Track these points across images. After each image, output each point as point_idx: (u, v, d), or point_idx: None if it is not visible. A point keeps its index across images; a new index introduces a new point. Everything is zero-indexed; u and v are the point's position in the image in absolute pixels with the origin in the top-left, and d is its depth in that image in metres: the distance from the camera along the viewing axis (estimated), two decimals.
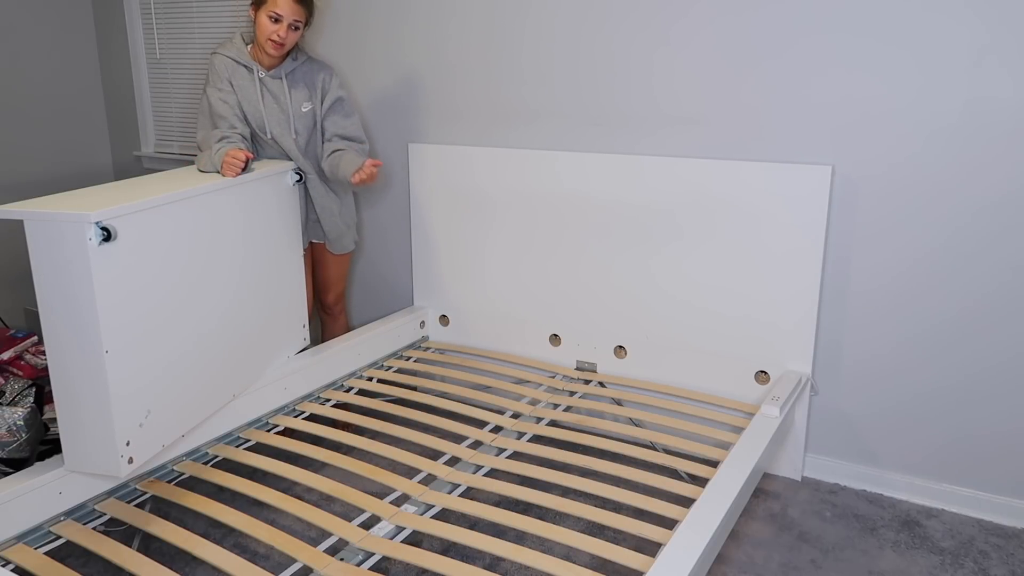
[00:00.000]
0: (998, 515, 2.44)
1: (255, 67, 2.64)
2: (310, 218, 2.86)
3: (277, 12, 2.51)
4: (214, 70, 2.62)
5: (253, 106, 2.65)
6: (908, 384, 2.50)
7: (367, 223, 3.41)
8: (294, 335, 2.78)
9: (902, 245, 2.43)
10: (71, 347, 1.91)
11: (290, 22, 2.54)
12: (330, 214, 2.85)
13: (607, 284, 2.87)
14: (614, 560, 1.81)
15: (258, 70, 2.65)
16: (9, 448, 2.33)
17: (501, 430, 2.53)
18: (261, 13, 2.53)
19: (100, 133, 4.18)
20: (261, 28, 2.55)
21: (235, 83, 2.63)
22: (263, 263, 2.55)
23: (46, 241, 1.87)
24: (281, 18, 2.52)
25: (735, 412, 2.66)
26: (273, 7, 2.51)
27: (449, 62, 3.07)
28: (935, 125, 2.32)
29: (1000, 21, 2.19)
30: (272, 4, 2.51)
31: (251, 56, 2.65)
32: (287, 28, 2.54)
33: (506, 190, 2.99)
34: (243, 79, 2.64)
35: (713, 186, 2.61)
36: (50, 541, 1.99)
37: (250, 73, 2.64)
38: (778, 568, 2.21)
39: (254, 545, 2.30)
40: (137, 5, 3.89)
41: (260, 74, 2.65)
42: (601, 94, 2.80)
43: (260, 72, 2.65)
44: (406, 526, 2.00)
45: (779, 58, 2.49)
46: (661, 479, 2.14)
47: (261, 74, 2.65)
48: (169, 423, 2.16)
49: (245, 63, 2.64)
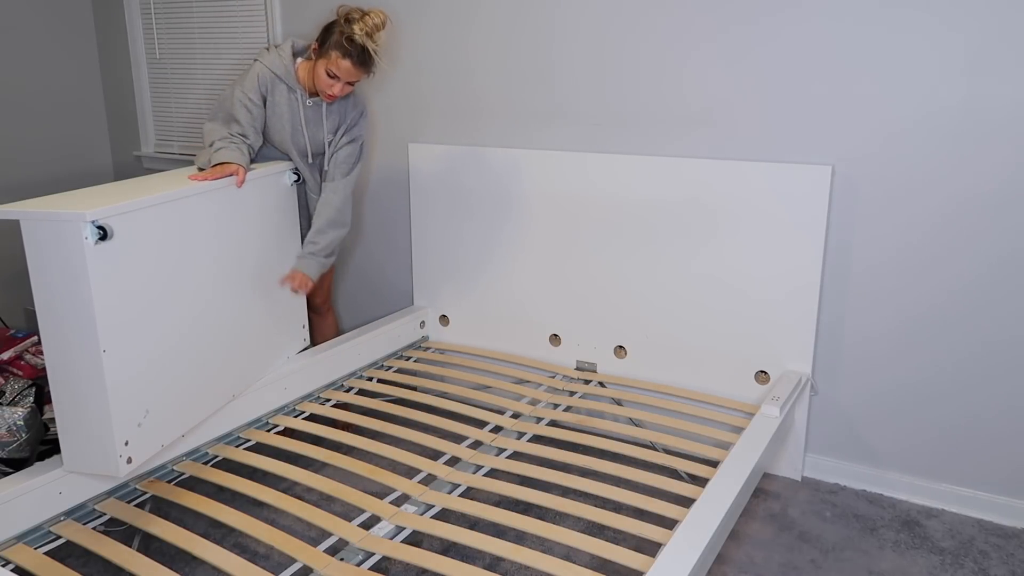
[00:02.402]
0: (998, 515, 2.44)
1: (299, 90, 2.57)
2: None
3: (337, 72, 2.44)
4: (251, 77, 2.52)
5: (280, 123, 2.58)
6: (908, 384, 2.50)
7: (367, 223, 3.41)
8: (294, 335, 2.78)
9: (902, 245, 2.43)
10: (69, 347, 1.91)
11: (348, 81, 2.48)
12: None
13: (607, 284, 2.87)
14: (614, 560, 1.81)
15: (301, 93, 2.57)
16: (9, 448, 2.32)
17: (501, 430, 2.53)
18: (321, 63, 2.45)
19: (100, 133, 4.18)
20: (319, 77, 2.47)
21: (271, 98, 2.55)
22: (262, 263, 2.55)
23: (42, 241, 1.86)
24: (339, 78, 2.46)
25: (735, 412, 2.66)
26: (334, 67, 2.43)
27: (449, 62, 3.07)
28: (935, 125, 2.32)
29: (999, 21, 2.19)
30: (333, 64, 2.42)
31: (296, 77, 2.56)
32: (343, 85, 2.48)
33: (506, 190, 2.99)
34: (281, 96, 2.56)
35: (713, 186, 2.61)
36: (50, 541, 1.99)
37: (290, 93, 2.56)
38: (778, 568, 2.21)
39: (254, 545, 2.30)
40: (137, 5, 3.89)
41: (304, 99, 2.57)
42: (601, 94, 2.80)
43: (304, 97, 2.57)
44: (406, 526, 2.00)
45: (779, 58, 2.49)
46: (661, 479, 2.14)
47: (306, 100, 2.58)
48: (168, 423, 2.16)
49: (288, 83, 2.55)
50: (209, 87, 3.77)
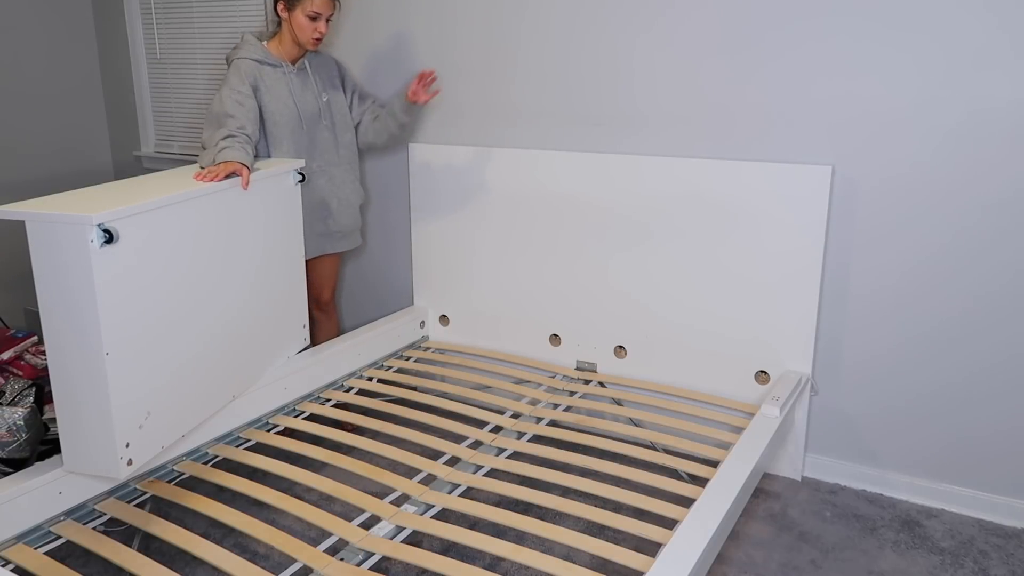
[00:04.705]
0: (998, 515, 2.44)
1: (283, 64, 2.69)
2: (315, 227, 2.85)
3: (316, 10, 2.59)
4: (237, 74, 2.61)
5: (284, 102, 2.68)
6: (908, 384, 2.50)
7: (367, 223, 3.41)
8: (294, 335, 2.78)
9: (902, 244, 2.43)
10: (72, 349, 1.91)
11: (327, 16, 2.63)
12: (348, 207, 2.89)
13: (607, 284, 2.87)
14: (614, 560, 1.81)
15: (286, 66, 2.69)
16: (9, 448, 2.32)
17: (501, 430, 2.53)
18: (297, 14, 2.60)
19: (100, 133, 4.18)
20: (301, 28, 2.62)
21: (263, 85, 2.64)
22: (264, 263, 2.55)
23: (48, 242, 1.86)
24: (319, 15, 2.60)
25: (735, 412, 2.66)
26: (311, 6, 2.58)
27: (449, 62, 3.06)
28: (935, 125, 2.32)
29: (1000, 22, 2.19)
30: (309, 3, 2.57)
31: (274, 53, 2.70)
32: (324, 23, 2.63)
33: (506, 190, 2.99)
34: (271, 78, 2.67)
35: (713, 186, 2.61)
36: (50, 541, 1.99)
37: (277, 70, 2.68)
38: (778, 568, 2.21)
39: (254, 545, 2.30)
40: (137, 5, 3.89)
41: (288, 70, 2.70)
42: (602, 94, 2.80)
43: (288, 68, 2.70)
44: (406, 526, 2.00)
45: (779, 58, 2.49)
46: (661, 479, 2.14)
47: (291, 70, 2.70)
48: (169, 425, 2.16)
49: (271, 62, 2.67)
50: (209, 87, 3.77)
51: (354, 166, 2.91)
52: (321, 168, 2.80)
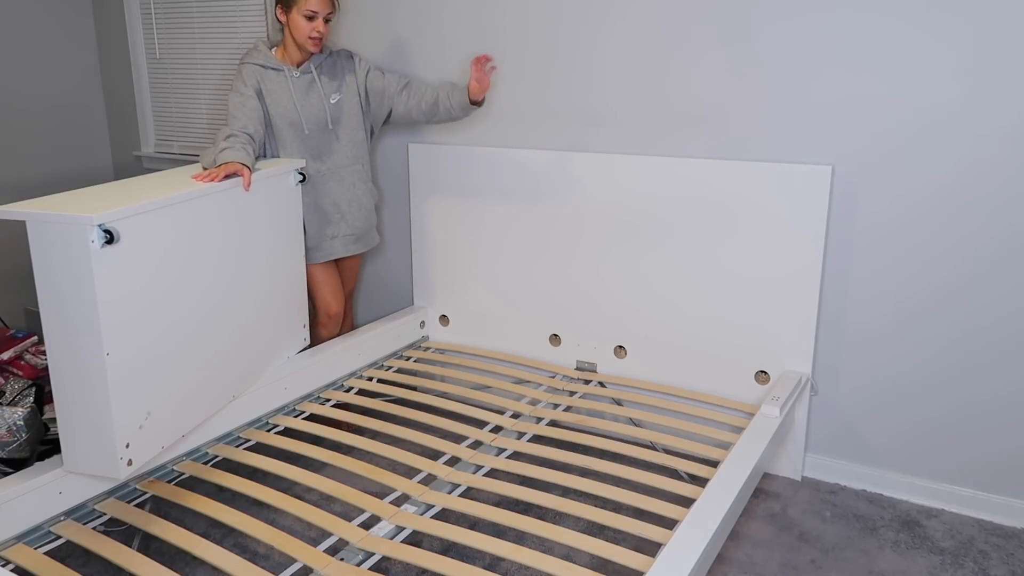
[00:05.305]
0: (998, 515, 2.44)
1: (285, 68, 2.70)
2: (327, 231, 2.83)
3: (312, 10, 2.60)
4: (240, 78, 2.66)
5: (285, 105, 2.69)
6: (908, 384, 2.50)
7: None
8: (294, 335, 2.78)
9: (902, 245, 2.43)
10: (72, 349, 1.91)
11: (324, 16, 2.63)
12: (361, 208, 2.87)
13: (607, 284, 2.87)
14: (614, 560, 1.81)
15: (289, 70, 2.70)
16: (9, 448, 2.33)
17: (501, 430, 2.53)
18: (294, 14, 2.61)
19: (100, 133, 4.18)
20: (298, 29, 2.63)
21: (266, 87, 2.67)
22: (264, 264, 2.55)
23: (48, 242, 1.86)
24: (316, 15, 2.61)
25: (735, 412, 2.66)
26: (307, 5, 2.59)
27: (449, 63, 3.07)
28: (935, 125, 2.32)
29: (1000, 21, 2.19)
30: (305, 3, 2.58)
31: (280, 58, 2.71)
32: (323, 23, 2.63)
33: (506, 190, 2.99)
34: (274, 82, 2.69)
35: (713, 186, 2.61)
36: (50, 541, 1.99)
37: (280, 74, 2.69)
38: (778, 568, 2.21)
39: (254, 545, 2.30)
40: (137, 5, 3.89)
41: (292, 74, 2.70)
42: (602, 94, 2.80)
43: (292, 72, 2.70)
44: (406, 526, 2.00)
45: (779, 58, 2.49)
46: (661, 479, 2.14)
47: (293, 74, 2.70)
48: (169, 425, 2.16)
49: (274, 66, 2.69)
50: (209, 87, 3.78)
51: (365, 167, 2.88)
52: (331, 171, 2.79)
